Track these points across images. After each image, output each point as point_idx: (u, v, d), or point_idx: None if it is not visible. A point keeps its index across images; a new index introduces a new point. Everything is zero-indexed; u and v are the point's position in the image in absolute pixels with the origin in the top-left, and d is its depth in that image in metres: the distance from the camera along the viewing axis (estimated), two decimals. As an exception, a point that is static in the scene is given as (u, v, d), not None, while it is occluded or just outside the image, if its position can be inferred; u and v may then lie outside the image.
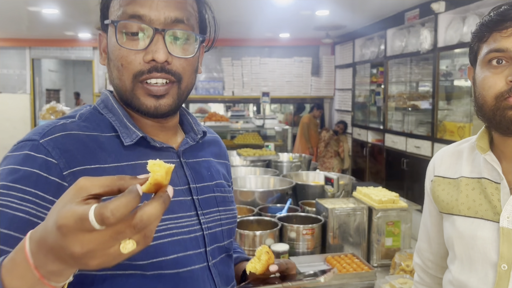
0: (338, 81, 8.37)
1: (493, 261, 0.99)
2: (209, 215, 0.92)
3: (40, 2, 5.38)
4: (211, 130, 1.11)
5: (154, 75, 0.83)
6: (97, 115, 0.89)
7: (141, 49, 0.83)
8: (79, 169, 0.78)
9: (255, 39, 8.26)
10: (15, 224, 0.71)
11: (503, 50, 0.95)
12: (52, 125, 0.83)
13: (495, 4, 3.91)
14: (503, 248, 0.97)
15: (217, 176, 1.00)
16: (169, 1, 0.84)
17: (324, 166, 7.31)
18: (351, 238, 2.41)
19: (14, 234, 0.70)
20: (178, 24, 0.84)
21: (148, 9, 0.82)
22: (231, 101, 9.19)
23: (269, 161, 4.15)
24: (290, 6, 5.33)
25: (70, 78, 12.77)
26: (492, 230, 1.00)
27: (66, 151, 0.79)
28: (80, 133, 0.83)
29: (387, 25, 6.08)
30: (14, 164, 0.76)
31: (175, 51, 0.84)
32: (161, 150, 0.90)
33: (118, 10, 0.84)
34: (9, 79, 8.63)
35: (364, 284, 2.07)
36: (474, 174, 1.07)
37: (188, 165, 0.94)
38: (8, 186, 0.73)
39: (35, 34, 8.00)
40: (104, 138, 0.85)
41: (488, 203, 1.02)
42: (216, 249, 0.93)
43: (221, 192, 0.98)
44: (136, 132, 0.86)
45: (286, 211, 2.64)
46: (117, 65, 0.85)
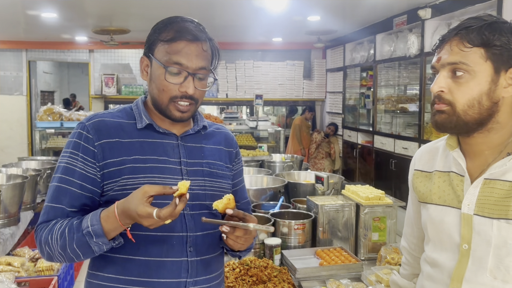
0: (329, 84, 8.55)
1: (456, 242, 1.16)
2: (194, 181, 1.31)
3: (39, 6, 5.49)
4: (222, 126, 1.54)
5: (183, 100, 1.29)
6: (128, 110, 1.38)
7: (177, 83, 1.27)
8: (104, 141, 1.28)
9: (248, 43, 8.42)
10: (70, 173, 1.27)
11: (433, 67, 1.16)
12: (95, 114, 1.34)
13: (478, 12, 4.13)
14: (463, 230, 1.14)
15: (210, 157, 1.40)
16: (198, 54, 1.27)
17: (316, 167, 7.48)
18: (340, 233, 2.54)
19: (68, 178, 1.26)
20: (202, 70, 1.29)
21: (186, 59, 1.26)
22: (225, 103, 9.34)
23: (262, 161, 4.30)
24: (283, 12, 5.49)
25: (65, 80, 12.83)
26: (456, 215, 1.16)
27: (98, 130, 1.29)
28: (110, 120, 1.32)
29: (376, 30, 6.27)
30: (71, 137, 1.30)
31: (198, 86, 1.29)
32: (165, 134, 1.35)
33: (166, 55, 1.27)
34: (6, 81, 8.69)
35: (352, 275, 2.20)
36: (445, 168, 1.24)
37: (184, 146, 1.36)
38: (69, 151, 1.29)
39: (32, 36, 8.09)
40: (126, 123, 1.33)
41: (454, 193, 1.18)
42: (198, 205, 1.33)
43: (209, 167, 1.38)
44: (145, 120, 1.33)
45: (278, 208, 2.78)
46: (159, 88, 1.29)
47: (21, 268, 2.79)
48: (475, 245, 1.12)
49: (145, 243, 1.27)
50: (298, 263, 2.25)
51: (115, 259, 1.28)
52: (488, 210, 1.10)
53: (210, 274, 1.36)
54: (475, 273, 1.12)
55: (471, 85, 1.08)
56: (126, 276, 1.27)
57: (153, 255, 1.27)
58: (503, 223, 1.07)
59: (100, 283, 1.30)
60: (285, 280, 2.11)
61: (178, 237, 1.29)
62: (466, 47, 1.08)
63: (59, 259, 1.23)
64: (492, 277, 1.10)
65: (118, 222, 1.15)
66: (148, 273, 1.27)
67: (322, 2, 5.11)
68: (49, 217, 1.25)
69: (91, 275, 1.34)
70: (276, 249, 2.31)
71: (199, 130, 1.41)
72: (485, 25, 1.07)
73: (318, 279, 2.15)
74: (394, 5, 5.23)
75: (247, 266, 2.15)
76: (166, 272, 1.28)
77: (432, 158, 1.30)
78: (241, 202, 1.53)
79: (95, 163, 1.26)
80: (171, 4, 5.30)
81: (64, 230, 1.20)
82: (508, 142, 1.13)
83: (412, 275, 1.46)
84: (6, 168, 3.64)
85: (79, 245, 1.18)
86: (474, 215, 1.12)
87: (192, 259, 1.31)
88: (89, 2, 5.35)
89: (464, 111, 1.10)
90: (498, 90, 1.09)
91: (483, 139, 1.14)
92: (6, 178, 3.06)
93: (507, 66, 1.08)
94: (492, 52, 1.07)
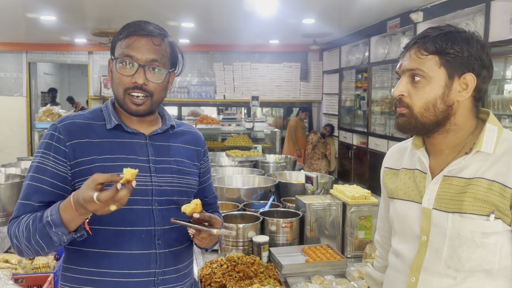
0: (325, 86, 8.63)
1: (417, 234, 1.25)
2: (162, 178, 1.41)
3: (38, 9, 5.58)
4: (190, 126, 1.62)
5: (135, 91, 1.35)
6: (98, 111, 1.45)
7: (129, 75, 1.35)
8: (75, 141, 1.36)
9: (245, 45, 8.51)
10: (41, 171, 1.34)
11: (397, 72, 1.25)
12: (67, 116, 1.41)
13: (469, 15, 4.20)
14: (423, 223, 1.23)
15: (178, 155, 1.48)
16: (149, 48, 1.35)
17: (312, 167, 7.55)
18: (327, 231, 2.60)
19: (39, 176, 1.33)
20: (153, 62, 1.36)
21: (136, 52, 1.34)
22: (222, 105, 9.41)
23: (256, 161, 4.37)
24: (276, 15, 5.57)
25: (65, 81, 12.91)
26: (417, 210, 1.25)
27: (69, 131, 1.36)
28: (81, 121, 1.40)
29: (371, 33, 6.36)
30: (44, 138, 1.38)
31: (151, 78, 1.36)
32: (133, 134, 1.42)
33: (120, 50, 1.37)
34: (6, 82, 8.79)
35: (336, 271, 2.27)
36: (411, 166, 1.33)
37: (152, 145, 1.44)
38: (41, 151, 1.36)
39: (32, 38, 8.19)
40: (96, 124, 1.41)
41: (417, 189, 1.27)
42: (165, 200, 1.41)
43: (177, 165, 1.46)
44: (114, 121, 1.40)
45: (268, 207, 2.85)
46: (115, 81, 1.38)
47: (18, 265, 2.84)
48: (433, 236, 1.21)
49: (115, 237, 1.35)
50: (285, 259, 2.32)
51: (88, 252, 1.36)
52: (445, 204, 1.19)
53: (178, 264, 1.45)
54: (432, 262, 1.21)
55: (427, 89, 1.17)
56: (98, 268, 1.35)
57: (124, 248, 1.35)
58: (457, 217, 1.16)
59: (73, 275, 1.38)
60: (271, 276, 2.17)
61: (146, 231, 1.38)
62: (423, 55, 1.17)
63: (27, 252, 1.29)
64: (446, 266, 1.18)
65: (75, 212, 1.18)
66: (119, 265, 1.35)
67: (316, 5, 5.19)
68: (19, 213, 1.32)
69: (65, 268, 1.42)
70: (264, 246, 2.37)
71: (167, 130, 1.48)
72: (441, 35, 1.17)
73: (304, 275, 2.23)
74: (387, 8, 5.31)
75: (235, 262, 2.21)
76: (136, 263, 1.36)
77: (400, 157, 1.39)
78: (209, 197, 1.65)
79: (66, 162, 1.33)
80: (169, 8, 5.39)
81: (29, 223, 1.26)
82: (466, 142, 1.22)
83: (385, 267, 1.54)
84: (5, 168, 3.71)
85: (41, 235, 1.23)
86: (433, 209, 1.21)
87: (160, 251, 1.39)
88: (88, 5, 5.44)
89: (421, 114, 1.18)
90: (452, 95, 1.18)
91: (442, 139, 1.23)
92: (5, 177, 3.13)
93: (460, 72, 1.17)
94: (445, 59, 1.16)
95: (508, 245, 1.15)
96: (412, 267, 1.25)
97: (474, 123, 1.23)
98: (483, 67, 1.17)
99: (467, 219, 1.15)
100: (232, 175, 3.61)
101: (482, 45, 1.17)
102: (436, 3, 4.76)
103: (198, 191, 1.58)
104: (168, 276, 1.42)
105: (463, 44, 1.16)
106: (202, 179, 1.59)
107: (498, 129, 1.19)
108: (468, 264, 1.15)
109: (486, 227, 1.13)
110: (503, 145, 1.17)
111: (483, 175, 1.15)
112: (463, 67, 1.17)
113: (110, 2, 5.24)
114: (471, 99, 1.20)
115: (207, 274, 2.14)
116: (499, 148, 1.17)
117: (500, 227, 1.13)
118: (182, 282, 1.48)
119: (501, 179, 1.13)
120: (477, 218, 1.14)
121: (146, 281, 1.38)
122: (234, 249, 2.44)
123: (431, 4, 4.82)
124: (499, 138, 1.18)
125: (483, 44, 1.18)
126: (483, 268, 1.15)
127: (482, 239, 1.13)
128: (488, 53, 1.18)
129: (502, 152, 1.16)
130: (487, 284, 1.16)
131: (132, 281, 1.36)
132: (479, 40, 1.18)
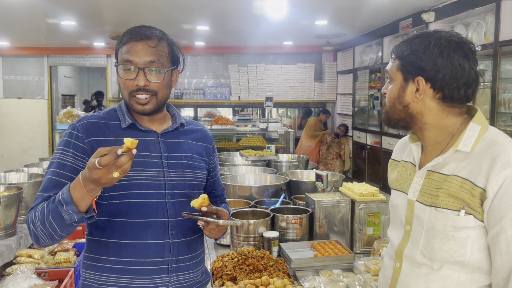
0: (340, 86, 8.67)
1: (403, 223, 1.35)
2: (174, 172, 1.52)
3: (59, 14, 5.77)
4: (199, 124, 1.74)
5: (139, 93, 1.46)
6: (113, 112, 1.57)
7: (131, 79, 1.46)
8: (92, 139, 1.46)
9: (260, 47, 8.61)
10: (61, 166, 1.44)
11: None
12: (84, 116, 1.53)
13: (480, 14, 4.24)
14: (407, 214, 1.33)
15: (188, 151, 1.59)
16: (146, 51, 1.45)
17: (327, 167, 7.60)
18: (336, 228, 2.66)
19: (59, 171, 1.43)
20: (152, 63, 1.45)
21: (134, 56, 1.45)
22: (237, 106, 9.52)
23: (269, 161, 4.45)
24: (287, 17, 5.64)
25: (85, 84, 13.18)
26: (404, 200, 1.35)
27: (87, 130, 1.48)
28: (98, 121, 1.51)
29: (384, 33, 6.39)
30: (64, 136, 1.49)
31: (152, 79, 1.46)
32: (146, 132, 1.54)
33: (120, 56, 1.48)
34: (28, 85, 9.06)
35: (344, 266, 2.33)
36: (408, 158, 1.42)
37: (164, 142, 1.55)
38: (61, 148, 1.47)
39: (52, 43, 8.42)
40: (112, 124, 1.52)
41: (408, 181, 1.36)
42: (178, 194, 1.52)
43: (188, 160, 1.57)
44: (128, 120, 1.51)
45: (279, 204, 2.92)
46: (121, 86, 1.50)
47: (41, 260, 2.96)
48: (414, 226, 1.30)
49: (132, 228, 1.46)
50: (294, 254, 2.39)
51: (107, 243, 1.48)
52: (425, 198, 1.28)
53: (190, 253, 1.56)
54: (412, 250, 1.30)
55: (391, 90, 1.30)
56: (116, 257, 1.47)
57: (140, 238, 1.46)
58: (432, 210, 1.25)
59: (94, 264, 1.50)
60: (281, 269, 2.24)
61: (161, 222, 1.49)
62: (392, 59, 1.30)
63: (42, 237, 1.35)
64: (422, 255, 1.27)
65: (83, 188, 1.24)
66: (136, 253, 1.46)
67: (327, 7, 5.25)
68: (37, 203, 1.40)
69: (86, 257, 1.53)
70: (274, 241, 2.45)
71: (177, 127, 1.59)
72: (404, 41, 1.27)
73: (312, 269, 2.30)
74: (399, 8, 5.34)
75: (245, 256, 2.30)
76: (152, 252, 1.47)
77: (403, 150, 1.48)
78: (218, 190, 1.77)
79: (85, 158, 1.44)
80: (184, 11, 5.51)
81: (43, 206, 1.35)
82: (450, 139, 1.28)
83: None
84: (28, 167, 3.87)
85: (54, 216, 1.30)
86: (416, 202, 1.30)
87: (173, 241, 1.51)
88: (106, 10, 5.59)
89: (389, 111, 1.32)
90: (407, 96, 1.27)
91: (423, 136, 1.33)
92: (28, 177, 3.28)
93: (414, 76, 1.25)
94: (401, 63, 1.26)
95: (482, 240, 1.20)
96: (397, 253, 1.34)
97: (456, 122, 1.28)
98: (439, 71, 1.21)
99: (440, 213, 1.22)
100: (244, 174, 3.69)
101: (443, 50, 1.21)
102: (447, 2, 4.78)
103: (208, 185, 1.70)
104: (181, 264, 1.53)
105: (418, 50, 1.23)
106: (212, 174, 1.71)
107: (481, 128, 1.23)
108: (440, 254, 1.23)
109: (457, 221, 1.20)
110: (482, 143, 1.21)
111: (458, 173, 1.22)
112: (417, 71, 1.24)
113: (127, 7, 5.38)
114: (437, 101, 1.25)
115: (219, 267, 2.23)
116: (478, 147, 1.21)
117: (471, 223, 1.19)
118: (194, 270, 1.58)
119: (472, 178, 1.18)
120: (449, 213, 1.21)
121: (160, 269, 1.49)
122: (246, 244, 2.52)
123: (443, 4, 4.84)
124: (481, 136, 1.22)
125: (448, 48, 1.21)
126: (454, 260, 1.22)
127: (453, 232, 1.20)
128: (451, 56, 1.21)
129: (479, 151, 1.20)
130: (462, 276, 1.22)
131: (147, 268, 1.47)
132: (442, 45, 1.21)
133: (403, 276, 1.31)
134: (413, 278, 1.29)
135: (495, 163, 1.15)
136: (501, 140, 1.20)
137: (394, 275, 1.34)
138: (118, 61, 1.49)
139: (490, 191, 1.15)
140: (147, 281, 1.47)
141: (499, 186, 1.13)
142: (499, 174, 1.14)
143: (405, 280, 1.30)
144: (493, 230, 1.17)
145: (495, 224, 1.15)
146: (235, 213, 2.66)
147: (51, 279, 2.72)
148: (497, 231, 1.15)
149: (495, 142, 1.19)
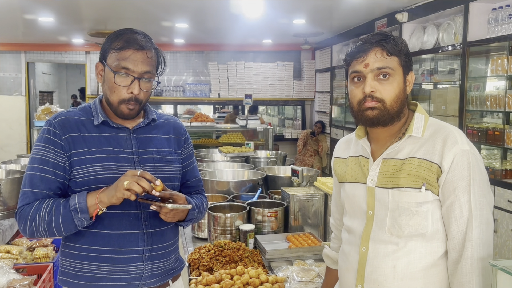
0: (318, 84, 8.80)
1: (364, 210, 1.45)
2: (145, 167, 1.59)
3: (36, 10, 5.73)
4: (172, 116, 1.80)
5: (131, 102, 1.53)
6: (87, 108, 1.61)
7: (125, 86, 1.51)
8: (69, 135, 1.51)
9: (239, 45, 8.67)
10: (44, 162, 1.50)
11: (359, 72, 1.40)
12: (60, 113, 1.58)
13: (450, 15, 4.42)
14: (368, 200, 1.44)
15: (159, 145, 1.66)
16: (143, 61, 1.51)
17: (304, 163, 7.72)
18: (310, 220, 2.76)
19: (43, 167, 1.49)
20: (147, 74, 1.53)
21: (132, 65, 1.50)
22: (217, 103, 9.57)
23: (247, 157, 4.53)
24: (265, 17, 5.72)
25: (63, 80, 13.04)
26: (363, 189, 1.46)
27: (63, 126, 1.53)
28: (73, 117, 1.56)
29: (360, 32, 6.51)
30: (42, 133, 1.54)
31: (143, 88, 1.54)
32: (118, 128, 1.59)
33: (115, 61, 1.51)
34: (5, 81, 8.94)
35: (317, 256, 2.42)
36: (356, 153, 1.53)
37: (136, 138, 1.61)
38: (41, 144, 1.52)
39: (30, 39, 8.33)
40: (86, 120, 1.57)
41: (362, 172, 1.48)
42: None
43: (159, 154, 1.64)
44: (100, 118, 1.57)
45: (256, 199, 3.00)
46: (111, 88, 1.53)
47: (19, 255, 2.97)
48: (377, 210, 1.41)
49: (107, 219, 1.54)
50: (269, 246, 2.47)
51: (84, 232, 1.54)
52: (385, 182, 1.40)
53: (164, 242, 1.64)
54: (377, 232, 1.41)
55: (395, 84, 1.38)
56: (92, 246, 1.54)
57: (114, 229, 1.55)
58: (395, 191, 1.37)
59: (71, 252, 1.57)
60: (256, 260, 2.32)
61: (134, 214, 1.57)
62: (388, 56, 1.37)
63: (42, 234, 1.47)
64: (389, 234, 1.39)
65: (95, 199, 1.43)
66: (111, 243, 1.54)
67: (304, 7, 5.35)
68: (31, 200, 1.49)
69: (64, 245, 1.60)
70: (250, 234, 2.52)
71: (149, 123, 1.65)
72: (392, 40, 1.38)
73: (286, 260, 2.38)
74: (375, 9, 5.48)
75: (221, 248, 2.37)
76: (126, 242, 1.55)
77: (347, 147, 1.59)
78: (191, 180, 1.80)
79: (63, 154, 1.51)
80: (163, 9, 5.54)
81: (51, 208, 1.46)
82: (401, 129, 1.44)
83: (340, 247, 1.72)
84: (6, 164, 3.86)
85: (64, 220, 1.44)
86: (376, 187, 1.42)
87: (148, 231, 1.59)
88: (85, 7, 5.58)
89: (391, 106, 1.38)
90: (408, 87, 1.43)
91: (389, 127, 1.42)
92: (5, 173, 3.29)
93: (407, 70, 1.42)
94: (402, 59, 1.39)
95: (438, 212, 1.37)
96: (362, 238, 1.44)
97: (407, 113, 1.46)
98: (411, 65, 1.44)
99: (403, 192, 1.36)
100: (223, 170, 3.77)
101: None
102: (419, 3, 4.93)
103: (181, 175, 1.75)
104: (155, 253, 1.60)
105: (406, 48, 1.40)
106: (184, 164, 1.76)
107: (424, 117, 1.42)
108: (407, 230, 1.36)
109: (419, 197, 1.35)
110: (429, 130, 1.40)
111: (414, 155, 1.37)
112: (409, 66, 1.42)
113: (106, 4, 5.39)
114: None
115: (196, 259, 2.30)
116: (426, 132, 1.39)
117: (430, 197, 1.35)
118: (167, 258, 1.66)
119: (429, 157, 1.35)
120: (411, 191, 1.35)
121: (135, 257, 1.56)
122: (223, 237, 2.59)
123: (415, 5, 4.99)
124: (426, 124, 1.41)
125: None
126: (418, 233, 1.36)
127: (417, 208, 1.35)
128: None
129: (428, 135, 1.39)
130: (423, 246, 1.37)
131: (122, 257, 1.54)
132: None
133: (371, 258, 1.41)
134: (381, 258, 1.39)
135: (446, 142, 1.34)
136: (445, 125, 1.41)
137: (361, 259, 1.44)
138: (106, 61, 1.53)
139: (446, 165, 1.32)
140: (122, 269, 1.54)
141: (452, 161, 1.32)
142: (450, 151, 1.32)
143: (373, 262, 1.40)
144: (448, 200, 1.34)
145: (450, 194, 1.33)
146: (213, 207, 2.73)
147: (29, 275, 2.73)
148: (451, 200, 1.33)
149: (441, 126, 1.40)
